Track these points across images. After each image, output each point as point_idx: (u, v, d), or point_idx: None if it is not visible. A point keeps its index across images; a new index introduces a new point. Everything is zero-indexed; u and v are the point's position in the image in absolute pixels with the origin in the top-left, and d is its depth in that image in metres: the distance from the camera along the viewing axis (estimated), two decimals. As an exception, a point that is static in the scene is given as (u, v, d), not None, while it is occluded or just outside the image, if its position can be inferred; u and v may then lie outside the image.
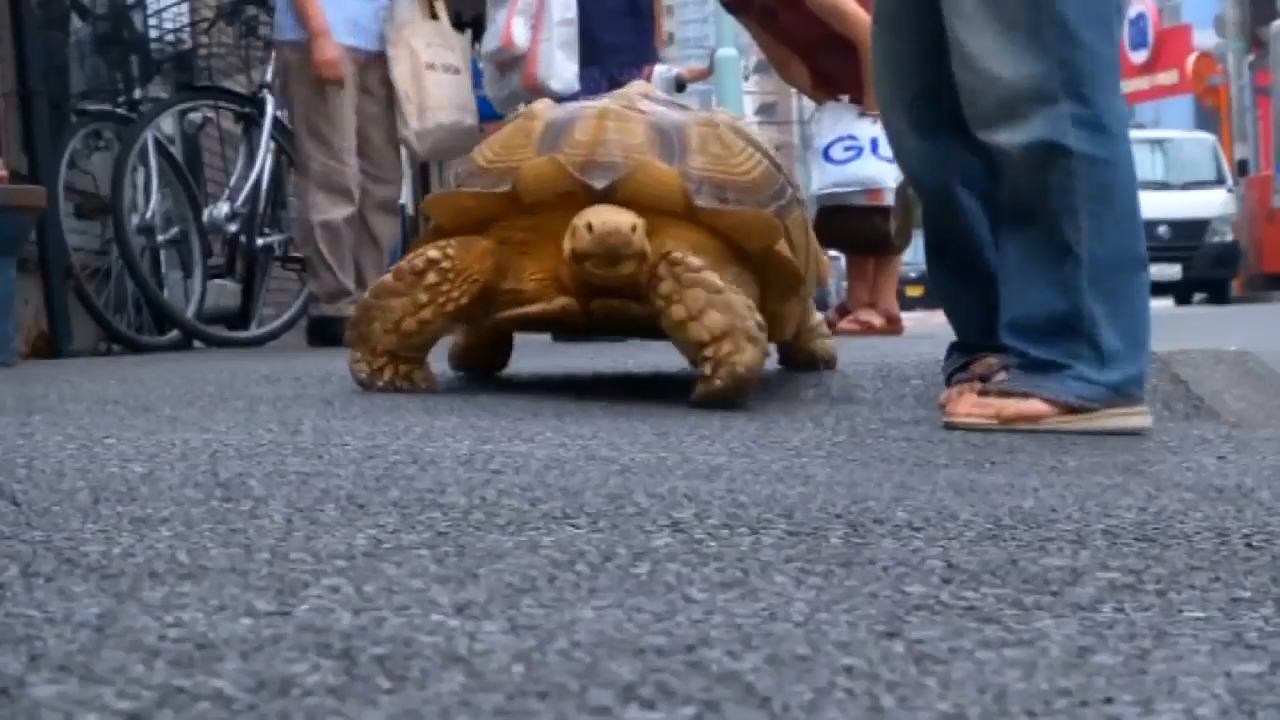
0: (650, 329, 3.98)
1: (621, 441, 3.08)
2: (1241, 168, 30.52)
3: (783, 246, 3.99)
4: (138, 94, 9.16)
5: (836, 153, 7.76)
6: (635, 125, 3.96)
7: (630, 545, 1.90)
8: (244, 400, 3.34)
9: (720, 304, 3.71)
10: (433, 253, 3.87)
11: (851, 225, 7.76)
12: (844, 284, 9.17)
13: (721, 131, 4.05)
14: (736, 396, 3.76)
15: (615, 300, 3.85)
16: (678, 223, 3.87)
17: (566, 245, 3.77)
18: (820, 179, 7.91)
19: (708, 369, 3.74)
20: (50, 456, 2.52)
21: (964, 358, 3.96)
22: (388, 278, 3.93)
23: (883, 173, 7.64)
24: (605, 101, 4.12)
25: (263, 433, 3.01)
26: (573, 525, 2.03)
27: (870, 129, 7.64)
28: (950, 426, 3.63)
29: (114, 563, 1.68)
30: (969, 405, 3.66)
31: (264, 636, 1.37)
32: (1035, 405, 3.61)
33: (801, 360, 4.64)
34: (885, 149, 7.64)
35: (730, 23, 10.84)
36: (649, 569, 1.77)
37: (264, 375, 3.12)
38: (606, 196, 3.83)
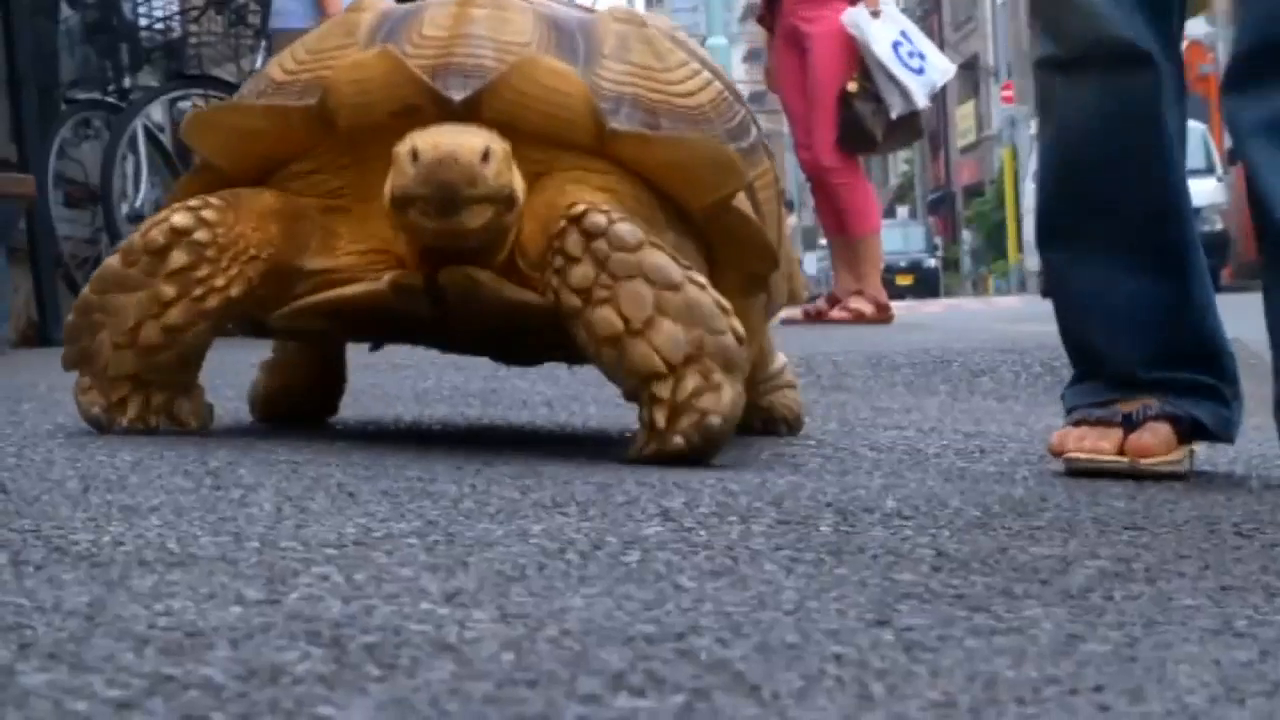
0: (548, 338, 2.62)
1: (611, 429, 3.08)
2: (1231, 156, 30.51)
3: (744, 203, 2.66)
4: (127, 82, 9.14)
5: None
6: (517, 15, 2.65)
7: (620, 534, 1.90)
8: (233, 389, 3.32)
9: (678, 307, 2.43)
10: (180, 218, 2.59)
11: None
12: (830, 272, 9.20)
13: (651, 34, 2.71)
14: (705, 455, 2.50)
15: (484, 274, 2.51)
16: (582, 160, 2.59)
17: (387, 187, 2.45)
18: None
19: (660, 416, 2.45)
20: (39, 445, 2.51)
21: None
22: (114, 260, 2.67)
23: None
24: None
25: (252, 420, 3.01)
26: (562, 513, 2.02)
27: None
28: None
29: (103, 551, 1.68)
30: None
31: (254, 625, 1.37)
32: None
33: (754, 417, 2.99)
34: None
35: (719, 11, 10.83)
36: (639, 557, 1.77)
37: (252, 363, 3.11)
38: (470, 114, 2.52)
